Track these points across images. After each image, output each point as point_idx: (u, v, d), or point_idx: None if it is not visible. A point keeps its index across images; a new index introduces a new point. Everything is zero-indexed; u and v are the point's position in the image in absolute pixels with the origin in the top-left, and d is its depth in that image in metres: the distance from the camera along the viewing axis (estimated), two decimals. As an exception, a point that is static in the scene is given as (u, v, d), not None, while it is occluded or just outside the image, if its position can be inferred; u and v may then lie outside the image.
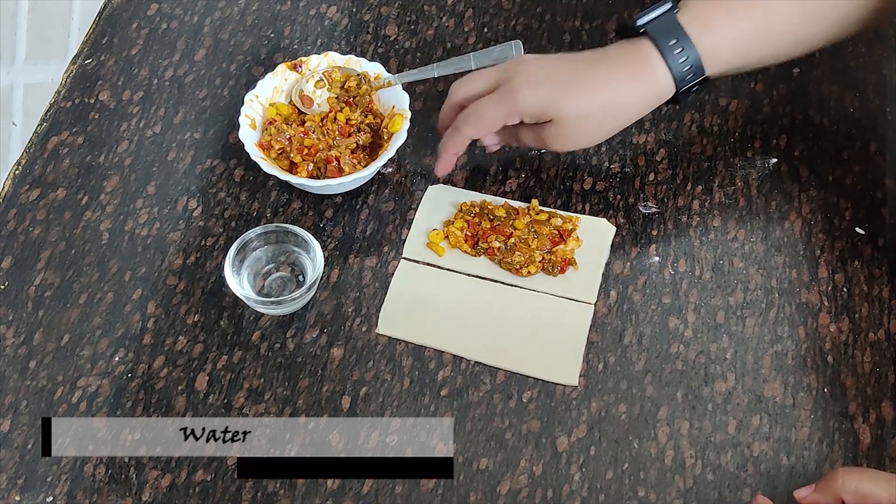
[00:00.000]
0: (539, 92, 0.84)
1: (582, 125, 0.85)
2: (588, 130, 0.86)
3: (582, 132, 0.86)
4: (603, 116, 0.85)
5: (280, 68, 0.97)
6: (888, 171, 0.95)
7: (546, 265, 0.90)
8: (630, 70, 0.85)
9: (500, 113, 0.86)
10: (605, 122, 0.86)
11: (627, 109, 0.86)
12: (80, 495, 0.81)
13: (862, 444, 0.82)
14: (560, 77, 0.85)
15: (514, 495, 0.81)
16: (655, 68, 0.84)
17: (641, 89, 0.85)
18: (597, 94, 0.84)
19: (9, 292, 0.91)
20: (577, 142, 0.87)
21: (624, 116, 0.86)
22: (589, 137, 0.87)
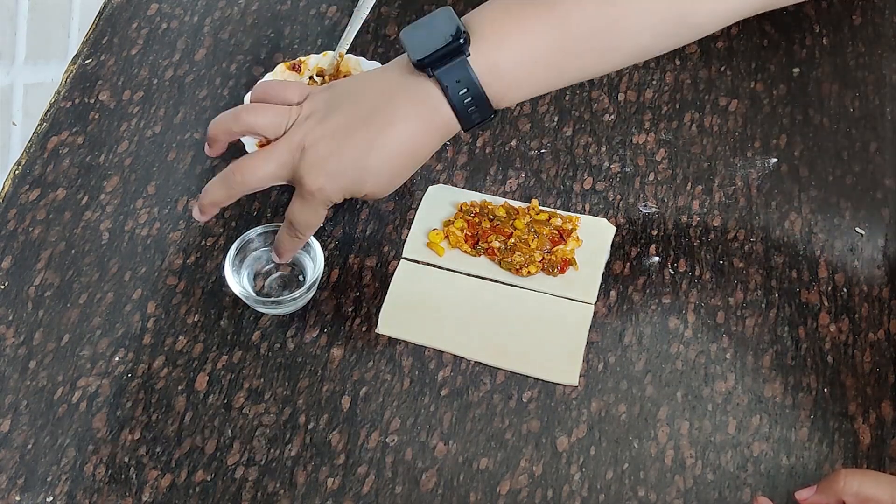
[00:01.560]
0: (340, 182, 0.80)
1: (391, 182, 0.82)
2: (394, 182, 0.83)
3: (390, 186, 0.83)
4: (405, 168, 0.82)
5: (279, 68, 0.97)
6: (888, 171, 0.95)
7: (546, 265, 0.90)
8: (419, 119, 0.80)
9: (320, 213, 0.83)
10: (406, 170, 0.82)
11: (421, 153, 0.82)
12: (80, 495, 0.81)
13: (862, 445, 0.82)
14: (353, 156, 0.80)
15: (514, 495, 0.81)
16: (443, 112, 0.79)
17: (431, 133, 0.81)
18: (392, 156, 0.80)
19: (9, 292, 0.91)
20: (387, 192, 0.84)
21: (420, 159, 0.82)
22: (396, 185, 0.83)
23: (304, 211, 0.83)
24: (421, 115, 0.80)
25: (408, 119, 0.80)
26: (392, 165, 0.81)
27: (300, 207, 0.83)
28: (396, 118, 0.80)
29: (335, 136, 0.80)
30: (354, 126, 0.80)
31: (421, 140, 0.81)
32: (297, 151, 0.80)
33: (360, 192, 0.81)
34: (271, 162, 0.81)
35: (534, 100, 1.01)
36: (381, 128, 0.80)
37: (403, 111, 0.80)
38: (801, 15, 0.92)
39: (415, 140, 0.81)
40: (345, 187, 0.81)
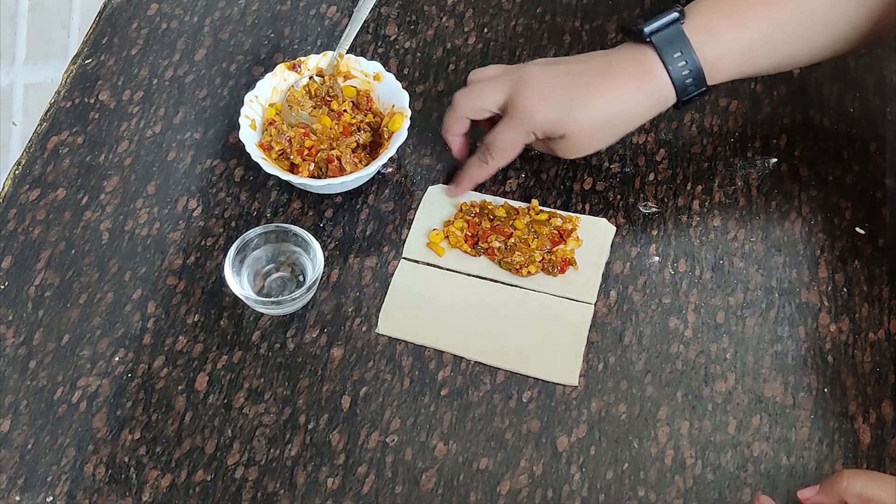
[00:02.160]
0: (548, 110, 0.87)
1: (590, 136, 0.88)
2: (595, 140, 0.89)
3: (589, 142, 0.89)
4: (609, 126, 0.88)
5: (279, 68, 0.97)
6: (888, 171, 0.95)
7: (546, 265, 0.90)
8: (634, 80, 0.86)
9: (518, 139, 0.89)
10: (611, 130, 0.89)
11: (632, 118, 0.88)
12: (80, 495, 0.81)
13: (862, 444, 0.82)
14: (567, 92, 0.87)
15: (514, 495, 0.81)
16: (659, 78, 0.86)
17: (645, 98, 0.87)
18: (604, 106, 0.87)
19: (9, 292, 0.91)
20: (584, 150, 0.90)
21: (628, 124, 0.89)
22: (595, 146, 0.90)
23: (505, 133, 0.89)
24: (637, 77, 0.86)
25: (624, 78, 0.86)
26: (602, 113, 0.87)
27: (503, 128, 0.89)
28: (614, 76, 0.86)
29: (556, 74, 0.88)
30: (572, 75, 0.88)
31: (633, 101, 0.87)
32: (517, 79, 0.88)
33: (561, 128, 0.87)
34: (492, 86, 0.89)
35: (534, 100, 1.01)
36: (599, 79, 0.87)
37: (622, 71, 0.87)
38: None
39: (627, 99, 0.87)
40: (551, 115, 0.86)
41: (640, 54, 0.86)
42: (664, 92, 0.86)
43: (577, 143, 0.89)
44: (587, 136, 0.88)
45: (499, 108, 0.89)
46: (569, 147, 0.89)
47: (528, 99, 0.87)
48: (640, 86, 0.87)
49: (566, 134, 0.87)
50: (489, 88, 0.90)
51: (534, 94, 0.87)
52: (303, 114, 0.95)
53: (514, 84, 0.88)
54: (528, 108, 0.87)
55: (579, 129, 0.87)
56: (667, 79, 0.86)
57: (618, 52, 0.88)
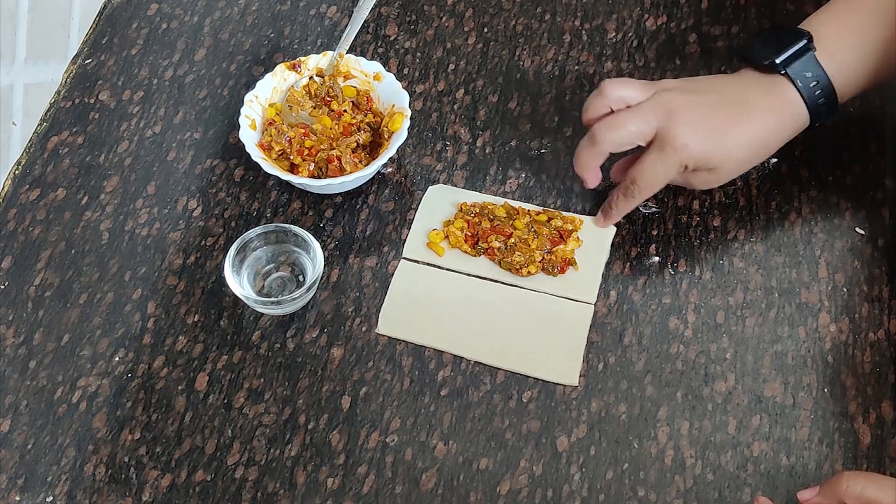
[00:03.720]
0: (703, 143, 0.86)
1: (737, 168, 0.89)
2: (740, 168, 0.89)
3: (734, 171, 0.89)
4: (754, 157, 0.89)
5: (279, 68, 0.97)
6: (888, 171, 0.95)
7: (546, 265, 0.90)
8: (773, 111, 0.87)
9: (670, 173, 0.87)
10: (755, 157, 0.89)
11: (773, 147, 0.89)
12: (80, 495, 0.81)
13: (862, 444, 0.82)
14: (717, 125, 0.86)
15: (514, 495, 0.81)
16: (795, 106, 0.87)
17: (783, 126, 0.88)
18: (751, 139, 0.87)
19: (9, 292, 0.91)
20: (724, 181, 0.90)
21: (768, 150, 0.89)
22: (738, 172, 0.90)
23: (656, 166, 0.86)
24: (776, 109, 0.87)
25: (764, 111, 0.87)
26: (747, 146, 0.87)
27: (653, 162, 0.86)
28: (753, 108, 0.87)
29: (700, 108, 0.86)
30: (716, 106, 0.87)
31: (773, 131, 0.88)
32: (662, 112, 0.86)
33: (712, 162, 0.86)
34: (637, 118, 0.86)
35: (534, 99, 1.01)
36: (741, 112, 0.87)
37: (760, 104, 0.87)
38: (801, 14, 0.92)
39: (768, 130, 0.87)
40: (705, 150, 0.86)
41: (775, 85, 0.87)
42: (800, 118, 0.88)
43: (722, 175, 0.89)
44: (735, 168, 0.89)
45: (643, 142, 0.87)
46: (712, 179, 0.89)
47: (683, 132, 0.85)
48: (779, 116, 0.87)
49: (717, 167, 0.87)
50: (636, 120, 0.86)
51: (688, 127, 0.85)
52: (303, 114, 0.95)
53: (662, 116, 0.86)
54: (683, 142, 0.85)
55: (730, 162, 0.87)
56: (802, 106, 0.87)
57: (749, 82, 0.88)
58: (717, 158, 0.86)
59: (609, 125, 0.87)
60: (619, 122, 0.87)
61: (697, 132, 0.85)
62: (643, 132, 0.86)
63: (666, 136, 0.85)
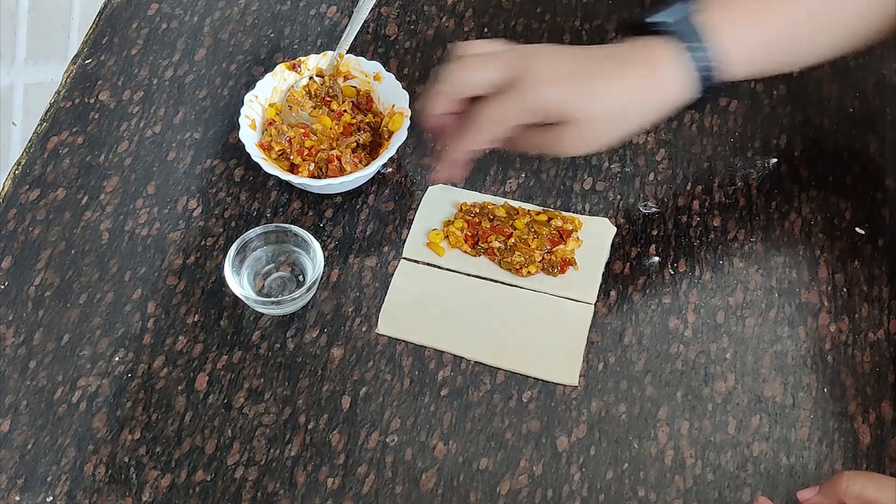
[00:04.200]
0: (560, 87, 0.77)
1: (598, 127, 0.79)
2: (602, 133, 0.80)
3: (596, 135, 0.80)
4: (620, 118, 0.80)
5: (279, 68, 0.97)
6: (888, 171, 0.95)
7: (546, 265, 0.90)
8: (648, 69, 0.79)
9: (512, 115, 0.78)
10: (621, 124, 0.81)
11: (644, 112, 0.81)
12: (80, 495, 0.81)
13: (862, 444, 0.82)
14: (581, 70, 0.78)
15: (514, 495, 0.81)
16: (675, 68, 0.79)
17: (660, 90, 0.80)
18: (619, 93, 0.78)
19: (9, 292, 0.91)
20: (587, 145, 0.81)
21: (639, 119, 0.81)
22: (601, 141, 0.81)
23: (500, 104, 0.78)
24: (654, 68, 0.79)
25: (639, 68, 0.79)
26: (611, 103, 0.78)
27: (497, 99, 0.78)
28: (629, 65, 0.79)
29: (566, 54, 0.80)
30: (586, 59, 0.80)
31: (648, 93, 0.79)
32: (523, 53, 0.80)
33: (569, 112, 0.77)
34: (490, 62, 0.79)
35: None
36: (612, 67, 0.79)
37: (636, 60, 0.79)
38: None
39: (642, 91, 0.79)
40: (562, 95, 0.77)
41: (656, 45, 0.79)
42: (679, 85, 0.79)
43: (582, 133, 0.79)
44: (595, 125, 0.79)
45: (495, 87, 0.78)
46: (571, 138, 0.79)
47: (537, 74, 0.77)
48: (656, 79, 0.79)
49: (575, 119, 0.77)
50: (488, 62, 0.79)
51: (547, 67, 0.77)
52: (303, 114, 0.95)
53: (519, 58, 0.79)
54: (536, 83, 0.76)
55: (591, 116, 0.78)
56: (684, 69, 0.79)
57: (630, 45, 0.81)
58: (577, 109, 0.77)
59: (458, 65, 0.80)
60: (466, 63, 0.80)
61: (557, 74, 0.77)
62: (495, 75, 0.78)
63: (520, 77, 0.77)
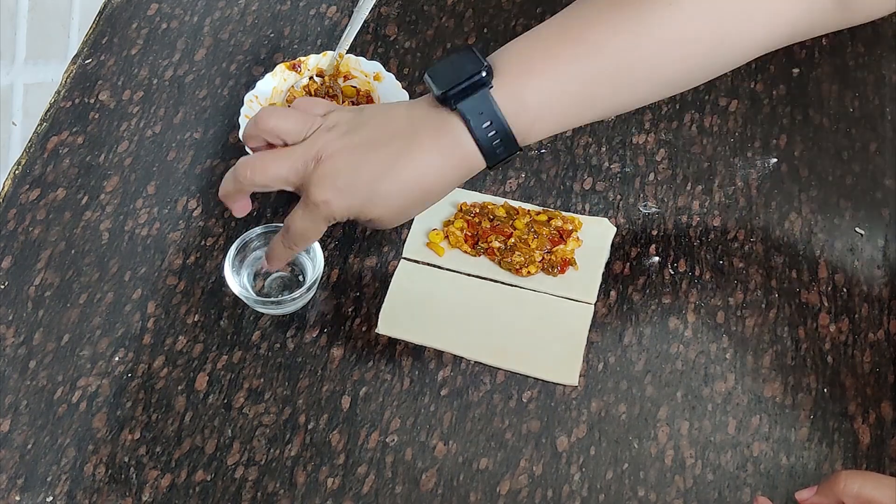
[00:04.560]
0: (347, 200, 0.78)
1: (396, 215, 0.81)
2: (402, 216, 0.81)
3: (397, 219, 0.81)
4: (416, 202, 0.80)
5: (279, 68, 0.97)
6: (888, 171, 0.95)
7: (546, 265, 0.90)
8: (440, 151, 0.78)
9: (318, 227, 0.80)
10: (418, 205, 0.81)
11: (439, 190, 0.80)
12: (80, 495, 0.81)
13: (862, 444, 0.82)
14: (366, 176, 0.78)
15: (514, 495, 0.81)
16: (466, 147, 0.78)
17: (452, 169, 0.79)
18: (409, 184, 0.79)
19: (9, 292, 0.91)
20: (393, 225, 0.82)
21: (436, 196, 0.81)
22: (402, 220, 0.82)
23: (304, 221, 0.80)
24: (442, 148, 0.78)
25: (428, 150, 0.78)
26: (404, 194, 0.79)
27: (301, 217, 0.80)
28: (417, 148, 0.78)
29: (353, 152, 0.78)
30: (374, 147, 0.78)
31: (439, 173, 0.79)
32: (311, 160, 0.78)
33: (366, 216, 0.79)
34: (284, 164, 0.79)
35: (534, 100, 1.00)
36: (399, 154, 0.78)
37: (425, 142, 0.78)
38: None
39: (432, 172, 0.79)
40: (351, 206, 0.78)
41: (445, 122, 0.78)
42: (472, 160, 0.78)
43: (385, 223, 0.81)
44: (394, 216, 0.80)
45: (292, 188, 0.80)
46: (377, 226, 0.81)
47: (324, 191, 0.78)
48: (447, 158, 0.78)
49: (372, 219, 0.79)
50: (281, 167, 0.79)
51: (330, 185, 0.77)
52: (303, 114, 0.95)
53: (308, 166, 0.78)
54: (324, 199, 0.78)
55: (385, 213, 0.79)
56: (475, 147, 0.77)
57: (421, 114, 0.79)
58: (369, 212, 0.79)
59: (251, 165, 0.80)
60: (262, 163, 0.80)
61: (342, 186, 0.78)
62: (287, 179, 0.79)
63: (308, 192, 0.78)
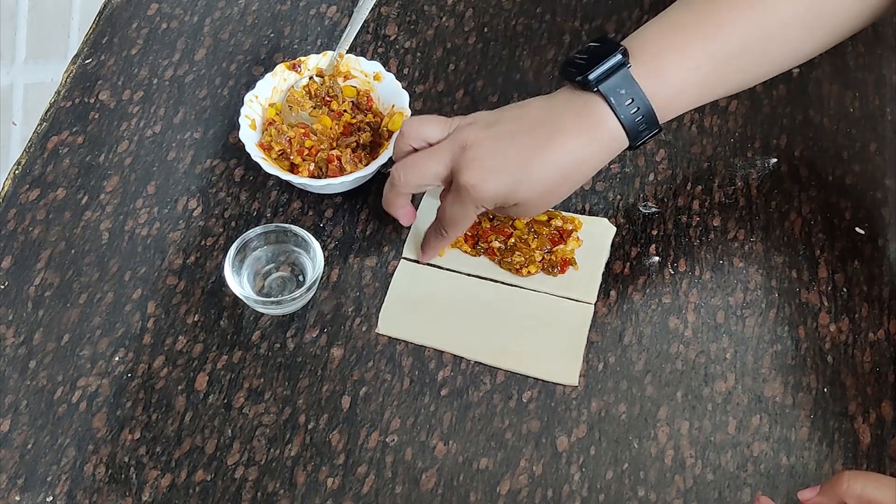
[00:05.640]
0: (496, 183, 0.81)
1: (545, 198, 0.83)
2: (551, 200, 0.84)
3: (545, 203, 0.84)
4: (564, 184, 0.83)
5: (279, 68, 0.97)
6: (888, 171, 0.95)
7: (546, 265, 0.90)
8: (585, 133, 0.81)
9: (469, 214, 0.83)
10: (566, 186, 0.83)
11: (586, 171, 0.83)
12: (80, 495, 0.81)
13: (862, 444, 0.82)
14: (513, 160, 0.81)
15: (514, 495, 0.81)
16: (611, 127, 0.80)
17: (598, 149, 0.82)
18: (556, 166, 0.81)
19: (9, 292, 0.91)
20: (538, 211, 0.85)
21: (583, 178, 0.83)
22: (551, 204, 0.84)
23: (453, 207, 0.83)
24: (587, 129, 0.80)
25: (573, 132, 0.80)
26: (552, 176, 0.81)
27: (451, 203, 0.83)
28: (562, 131, 0.80)
29: (498, 138, 0.81)
30: (518, 134, 0.81)
31: (585, 155, 0.81)
32: (458, 149, 0.82)
33: (512, 199, 0.81)
34: (433, 159, 0.83)
35: (534, 100, 1.01)
36: (545, 138, 0.80)
37: (569, 125, 0.80)
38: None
39: (579, 154, 0.81)
40: (500, 189, 0.81)
41: (587, 104, 0.81)
42: (617, 140, 0.81)
43: (531, 208, 0.83)
44: (542, 199, 0.83)
45: (443, 182, 0.84)
46: (522, 211, 0.83)
47: (473, 174, 0.81)
48: (592, 138, 0.81)
49: (520, 202, 0.82)
50: (430, 162, 0.83)
51: (479, 167, 0.80)
52: (303, 114, 0.95)
53: (455, 155, 0.82)
54: (474, 184, 0.80)
55: (533, 195, 0.81)
56: (619, 126, 0.80)
57: (562, 102, 0.82)
58: (517, 195, 0.81)
59: (404, 166, 0.84)
60: (412, 163, 0.84)
61: (490, 173, 0.80)
62: (439, 173, 0.83)
63: (458, 179, 0.81)
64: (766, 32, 0.82)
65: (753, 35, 0.82)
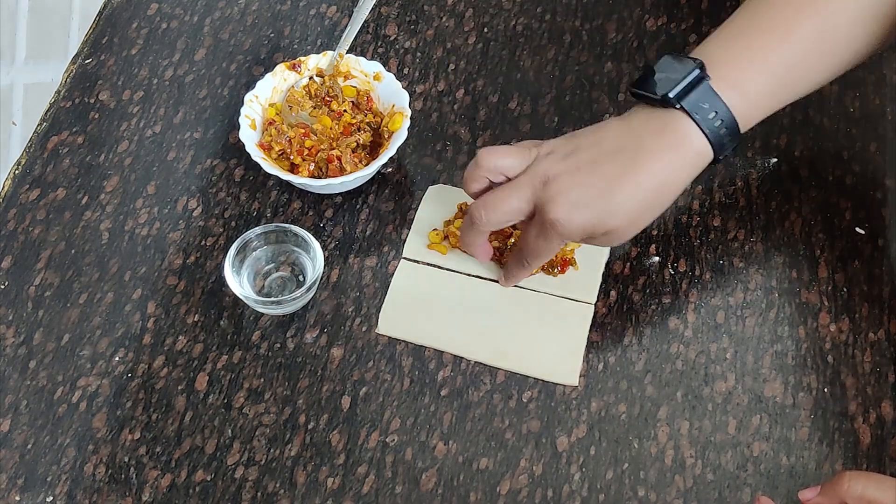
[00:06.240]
0: (583, 216, 0.79)
1: (635, 223, 0.81)
2: (641, 223, 0.82)
3: (634, 229, 0.81)
4: (654, 206, 0.81)
5: (279, 68, 0.97)
6: (888, 171, 0.95)
7: (546, 265, 0.90)
8: (673, 152, 0.79)
9: (554, 247, 0.82)
10: (657, 208, 0.81)
11: (676, 189, 0.81)
12: (80, 495, 0.81)
13: (862, 444, 0.82)
14: (598, 190, 0.78)
15: (514, 495, 0.81)
16: (697, 143, 0.79)
17: (682, 167, 0.80)
18: (644, 190, 0.79)
19: (9, 292, 0.91)
20: (629, 237, 0.82)
21: (673, 196, 0.81)
22: (640, 228, 0.82)
23: (538, 241, 0.81)
24: (671, 147, 0.79)
25: (657, 154, 0.79)
26: (640, 201, 0.79)
27: (535, 236, 0.81)
28: (644, 154, 0.79)
29: (580, 169, 0.79)
30: (600, 161, 0.79)
31: (671, 175, 0.79)
32: (539, 184, 0.79)
33: (601, 229, 0.79)
34: (514, 195, 0.81)
35: (534, 100, 1.01)
36: (629, 163, 0.78)
37: (651, 146, 0.79)
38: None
39: (664, 176, 0.79)
40: (587, 222, 0.79)
41: (669, 122, 0.79)
42: (702, 154, 0.80)
43: (621, 235, 0.81)
44: (632, 226, 0.81)
45: (526, 217, 0.82)
46: (613, 240, 0.81)
47: (559, 209, 0.78)
48: (676, 156, 0.79)
49: (609, 231, 0.79)
50: (512, 199, 0.81)
51: (563, 202, 0.78)
52: (303, 114, 0.95)
53: (537, 190, 0.79)
54: (558, 217, 0.78)
55: (622, 223, 0.80)
56: (704, 141, 0.79)
57: (640, 123, 0.81)
58: (606, 224, 0.79)
59: (485, 205, 0.82)
60: (493, 201, 0.82)
61: (575, 203, 0.78)
62: (521, 209, 0.81)
63: (542, 212, 0.79)
64: (833, 34, 0.82)
65: (822, 37, 0.81)
